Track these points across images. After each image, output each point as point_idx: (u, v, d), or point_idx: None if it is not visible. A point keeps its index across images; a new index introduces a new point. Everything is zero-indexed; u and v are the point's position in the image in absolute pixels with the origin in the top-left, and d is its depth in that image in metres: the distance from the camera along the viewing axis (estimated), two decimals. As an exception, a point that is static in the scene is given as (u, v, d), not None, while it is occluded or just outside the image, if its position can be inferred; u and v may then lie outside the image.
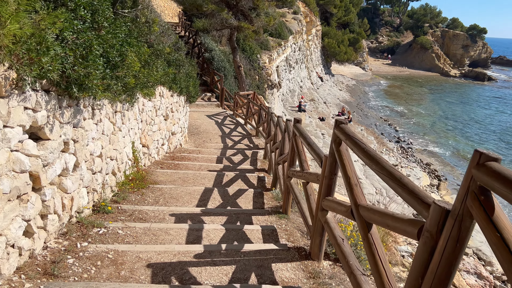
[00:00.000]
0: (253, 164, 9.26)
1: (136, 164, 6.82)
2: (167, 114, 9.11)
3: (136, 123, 6.95)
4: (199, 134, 13.09)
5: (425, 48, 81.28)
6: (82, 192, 4.39)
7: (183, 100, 10.84)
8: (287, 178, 5.05)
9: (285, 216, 5.09)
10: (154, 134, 8.21)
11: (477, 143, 32.49)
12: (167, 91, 8.93)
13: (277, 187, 6.75)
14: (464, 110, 46.09)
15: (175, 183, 6.82)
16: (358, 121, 34.23)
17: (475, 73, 77.25)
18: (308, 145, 4.00)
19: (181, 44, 11.89)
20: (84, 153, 4.37)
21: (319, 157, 3.57)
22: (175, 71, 9.53)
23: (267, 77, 26.15)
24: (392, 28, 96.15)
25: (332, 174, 3.33)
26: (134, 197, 5.75)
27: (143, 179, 6.57)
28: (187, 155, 9.62)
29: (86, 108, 4.30)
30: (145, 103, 7.41)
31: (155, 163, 8.23)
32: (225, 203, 5.82)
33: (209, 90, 20.07)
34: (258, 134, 13.27)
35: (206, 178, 7.24)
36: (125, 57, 4.14)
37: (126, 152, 6.27)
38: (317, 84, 47.97)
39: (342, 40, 58.38)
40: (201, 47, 21.35)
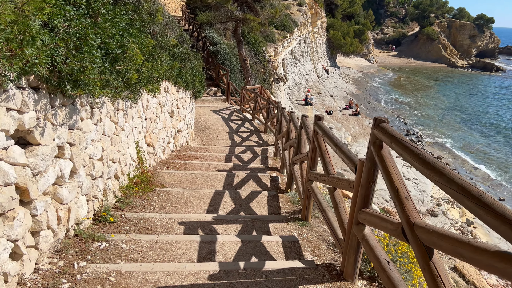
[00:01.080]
0: (264, 162, 8.77)
1: (141, 166, 6.35)
2: (172, 111, 8.63)
3: (140, 121, 6.47)
4: (206, 130, 12.60)
5: (432, 39, 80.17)
6: (80, 201, 3.92)
7: (189, 96, 10.35)
8: (308, 181, 4.56)
9: (305, 224, 4.60)
10: (160, 132, 7.74)
11: (488, 135, 31.79)
12: (172, 86, 8.44)
13: (293, 188, 6.27)
14: (473, 101, 45.27)
15: (183, 185, 6.35)
16: (366, 114, 33.61)
17: (483, 63, 76.13)
18: (336, 146, 3.50)
19: (186, 37, 11.37)
20: (82, 157, 3.90)
21: (352, 162, 3.07)
22: (181, 65, 9.03)
23: (273, 70, 25.58)
24: (398, 19, 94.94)
25: (370, 182, 2.84)
26: (139, 202, 5.29)
27: (149, 182, 6.10)
28: (194, 153, 9.15)
29: (83, 107, 3.83)
30: (150, 100, 6.93)
31: (161, 163, 7.77)
32: (238, 208, 5.34)
33: (215, 85, 19.56)
34: (267, 130, 12.77)
35: (216, 179, 6.77)
36: (126, 49, 3.64)
37: (129, 153, 5.80)
38: (323, 77, 47.28)
39: (347, 32, 57.49)
40: (205, 40, 20.81)
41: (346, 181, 3.24)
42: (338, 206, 3.45)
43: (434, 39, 79.99)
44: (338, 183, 3.46)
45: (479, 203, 1.66)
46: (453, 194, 1.85)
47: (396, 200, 2.36)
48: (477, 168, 24.34)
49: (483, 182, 21.99)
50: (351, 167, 3.11)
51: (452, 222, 15.87)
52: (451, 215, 16.43)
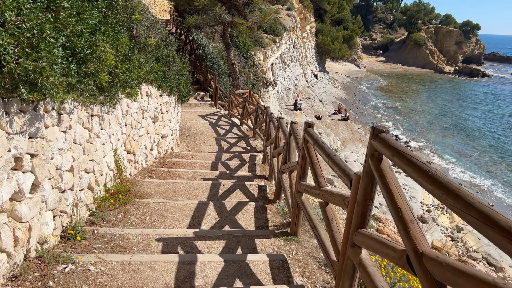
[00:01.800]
0: (252, 169, 8.42)
1: (119, 175, 5.95)
2: (156, 116, 8.24)
3: (119, 127, 6.08)
4: (192, 136, 12.21)
5: (419, 45, 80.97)
6: (45, 217, 3.52)
7: (174, 100, 9.96)
8: (297, 193, 4.22)
9: (294, 239, 4.26)
10: (141, 139, 7.35)
11: (476, 140, 31.92)
12: (155, 90, 8.06)
13: (281, 198, 5.92)
14: (461, 107, 45.57)
15: (165, 195, 5.97)
16: (355, 119, 33.51)
17: (469, 69, 77.00)
18: (328, 157, 3.17)
19: (171, 40, 11.00)
20: (47, 169, 3.50)
21: (347, 176, 2.74)
22: (165, 69, 8.65)
23: (262, 75, 25.29)
24: (386, 25, 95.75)
25: (367, 200, 2.51)
26: (115, 215, 4.89)
27: (127, 192, 5.70)
28: (179, 160, 8.76)
29: (48, 113, 3.44)
30: (130, 105, 6.54)
31: (142, 171, 7.37)
32: (223, 221, 4.98)
33: (202, 89, 19.18)
34: (255, 135, 12.43)
35: (200, 188, 6.39)
36: (96, 48, 3.27)
37: (106, 161, 5.41)
38: (312, 82, 47.19)
39: (336, 37, 57.65)
40: (193, 44, 20.44)
41: (340, 196, 2.90)
42: (330, 224, 3.12)
43: (421, 45, 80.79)
44: (330, 198, 3.12)
45: (510, 236, 1.34)
46: (473, 223, 1.52)
47: (399, 223, 2.03)
48: (465, 173, 24.32)
49: (471, 188, 21.93)
50: (345, 182, 2.78)
51: (442, 228, 15.69)
52: (441, 221, 16.25)
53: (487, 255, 13.61)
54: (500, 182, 23.26)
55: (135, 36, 8.52)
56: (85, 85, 3.39)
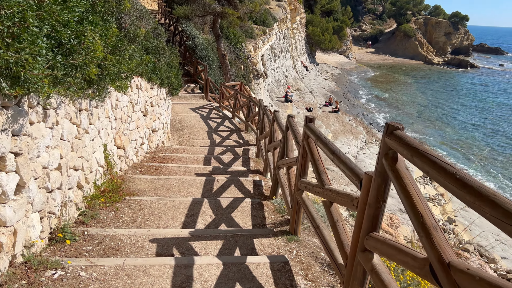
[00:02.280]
0: (246, 164, 8.24)
1: (109, 171, 5.73)
2: (146, 110, 7.99)
3: (109, 121, 5.84)
4: (183, 129, 11.97)
5: (408, 36, 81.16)
6: (31, 220, 3.30)
7: (165, 93, 9.70)
8: (297, 191, 4.05)
9: (294, 238, 4.10)
10: (132, 133, 7.10)
11: (466, 131, 32.15)
12: (145, 83, 7.80)
13: (278, 194, 5.76)
14: (450, 98, 45.86)
15: (157, 192, 5.76)
16: (345, 110, 33.46)
17: (458, 60, 77.47)
18: (333, 154, 2.99)
19: (160, 30, 10.69)
20: (33, 168, 3.28)
21: (356, 176, 2.57)
22: (155, 60, 8.38)
23: (253, 66, 25.02)
24: (375, 16, 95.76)
25: (379, 202, 2.34)
26: (106, 214, 4.68)
27: (118, 190, 5.48)
28: (171, 155, 8.53)
29: (33, 109, 3.20)
30: (119, 98, 6.29)
31: (133, 166, 7.13)
32: (219, 219, 4.80)
33: (193, 81, 18.87)
34: (248, 128, 12.23)
35: (194, 184, 6.19)
36: (83, 39, 3.03)
37: (96, 158, 5.17)
38: (302, 74, 47.00)
39: (326, 28, 57.39)
40: (182, 35, 20.06)
41: (348, 196, 2.74)
42: (336, 225, 2.95)
43: (411, 36, 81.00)
44: (336, 197, 2.95)
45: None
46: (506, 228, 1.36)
47: (420, 229, 1.86)
48: (456, 164, 24.46)
49: (462, 179, 22.02)
50: (354, 181, 2.61)
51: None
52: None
53: (479, 246, 13.68)
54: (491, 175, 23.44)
55: (124, 26, 8.23)
56: (72, 78, 3.16)
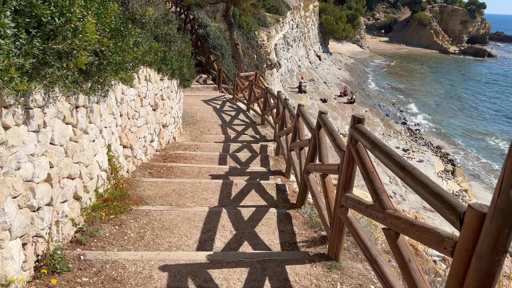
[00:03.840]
0: (265, 163, 7.48)
1: (114, 176, 5.02)
2: (156, 103, 7.26)
3: (113, 118, 5.12)
4: (196, 123, 11.24)
5: (423, 25, 79.10)
6: (9, 250, 2.60)
7: (176, 85, 8.96)
8: (340, 207, 3.28)
9: (335, 265, 3.35)
10: (140, 130, 6.38)
11: (485, 122, 30.93)
12: (155, 73, 7.06)
13: (306, 202, 5.00)
14: (468, 88, 44.38)
15: (168, 199, 5.04)
16: (361, 101, 32.41)
17: (475, 49, 75.33)
18: (403, 170, 2.21)
19: (171, 17, 9.92)
20: (11, 184, 2.57)
21: (451, 209, 1.79)
22: (165, 49, 7.63)
23: (266, 56, 24.12)
24: (389, 4, 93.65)
25: (497, 254, 1.57)
26: (108, 229, 3.98)
27: (124, 197, 4.78)
28: (183, 152, 7.81)
29: (9, 109, 2.48)
30: (126, 91, 5.57)
31: (142, 167, 6.43)
32: (240, 236, 4.06)
33: (205, 71, 18.08)
34: (264, 122, 11.44)
35: (209, 189, 5.46)
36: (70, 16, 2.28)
37: (97, 161, 4.47)
38: (316, 63, 45.87)
39: (340, 17, 55.99)
40: (194, 23, 19.25)
41: (433, 234, 1.96)
42: (408, 267, 2.18)
43: (425, 25, 78.94)
44: (411, 230, 2.17)
45: None
46: None
47: None
48: (479, 158, 23.40)
49: (486, 173, 21.05)
50: (446, 215, 1.84)
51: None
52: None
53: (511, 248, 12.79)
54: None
55: (130, 12, 7.49)
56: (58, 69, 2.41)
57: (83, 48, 2.42)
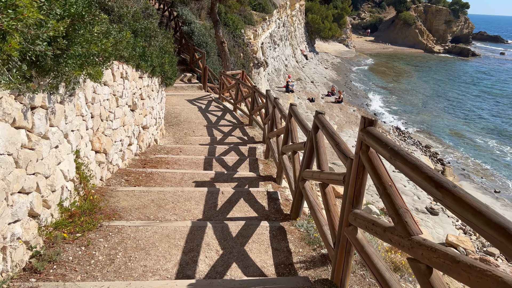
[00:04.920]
0: (254, 168, 6.92)
1: (83, 186, 4.41)
2: (134, 103, 6.65)
3: (83, 120, 4.51)
4: (179, 124, 10.62)
5: (408, 24, 79.62)
6: None
7: (157, 83, 8.33)
8: (347, 226, 2.75)
9: (342, 294, 2.81)
10: (115, 133, 5.77)
11: (472, 121, 30.90)
12: (132, 70, 6.44)
13: (301, 213, 4.47)
14: (453, 87, 44.53)
15: (146, 212, 4.45)
16: (348, 101, 32.09)
17: (459, 49, 76.08)
18: (439, 188, 1.69)
19: (152, 11, 9.30)
20: None
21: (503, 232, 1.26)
22: (145, 44, 7.02)
23: (253, 54, 23.56)
24: (374, 3, 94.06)
25: None
26: (72, 252, 3.38)
27: (94, 210, 4.17)
28: (164, 156, 7.21)
29: None
30: (98, 90, 4.96)
31: (118, 173, 5.82)
32: (228, 256, 3.50)
33: (189, 70, 17.44)
34: (252, 122, 10.88)
35: (193, 199, 4.88)
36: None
37: (62, 170, 3.86)
38: (302, 63, 45.50)
39: (326, 16, 55.77)
40: (178, 20, 18.58)
41: (497, 281, 1.43)
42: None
43: (410, 24, 79.46)
44: (457, 271, 1.63)
45: None
46: None
47: None
48: (467, 157, 23.23)
49: (475, 173, 20.86)
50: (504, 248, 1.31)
51: (453, 220, 14.54)
52: (450, 213, 15.04)
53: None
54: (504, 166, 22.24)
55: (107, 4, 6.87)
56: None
57: (13, 29, 1.84)
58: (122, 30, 5.29)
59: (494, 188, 18.98)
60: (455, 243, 11.75)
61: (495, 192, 18.51)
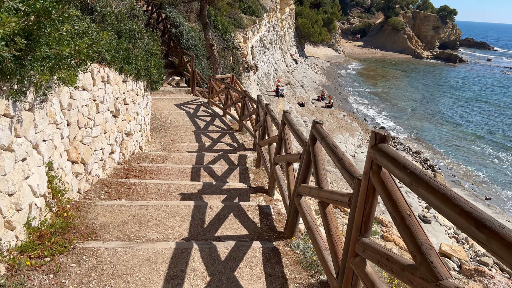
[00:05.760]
0: (244, 177, 6.54)
1: (56, 201, 3.98)
2: (117, 109, 6.22)
3: (57, 128, 4.09)
4: (166, 130, 10.19)
5: (397, 30, 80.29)
6: None
7: (143, 87, 7.92)
8: (353, 257, 2.39)
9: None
10: (95, 141, 5.34)
11: (461, 126, 30.97)
12: (115, 74, 6.03)
13: (295, 231, 4.10)
14: (442, 92, 44.78)
15: (126, 230, 4.04)
16: (338, 106, 31.94)
17: (447, 54, 76.86)
18: (482, 228, 1.34)
19: (138, 11, 8.88)
20: None
21: None
22: (129, 46, 6.61)
23: (243, 58, 23.22)
24: (363, 9, 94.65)
25: None
26: (38, 280, 2.96)
27: (68, 229, 3.75)
28: (149, 165, 6.79)
29: None
30: (75, 95, 4.54)
31: (98, 184, 5.39)
32: (216, 285, 3.11)
33: (177, 73, 17.00)
34: (242, 128, 10.50)
35: (178, 214, 4.48)
36: None
37: (31, 186, 3.44)
38: (292, 67, 45.33)
39: (316, 20, 55.77)
40: (166, 22, 18.15)
41: None
42: None
43: (399, 30, 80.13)
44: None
45: None
46: None
47: None
48: (457, 163, 23.16)
49: (466, 179, 20.78)
50: None
51: (446, 229, 14.31)
52: (442, 221, 14.91)
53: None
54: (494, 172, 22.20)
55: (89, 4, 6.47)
56: None
57: None
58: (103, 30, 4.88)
59: (485, 195, 18.89)
60: (449, 253, 11.49)
61: (486, 199, 18.41)
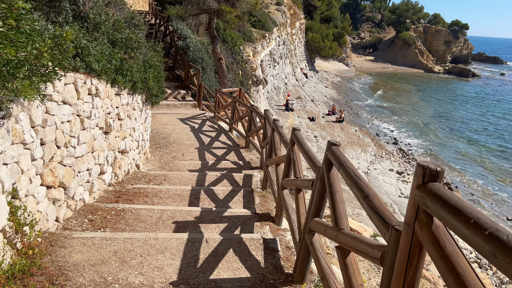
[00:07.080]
0: (249, 201, 5.85)
1: (21, 237, 3.34)
2: (108, 124, 5.62)
3: (25, 149, 3.47)
4: (168, 146, 9.57)
5: (408, 44, 79.64)
6: None
7: (140, 101, 7.33)
8: None
9: None
10: (79, 162, 4.72)
11: (477, 142, 29.92)
12: (106, 86, 5.44)
13: (307, 274, 3.40)
14: (456, 107, 43.77)
15: (103, 270, 3.37)
16: (350, 120, 31.17)
17: (459, 69, 75.83)
18: None
19: (139, 21, 8.37)
20: None
21: None
22: (123, 56, 6.04)
23: (252, 72, 22.72)
24: (374, 23, 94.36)
25: None
26: None
27: (30, 271, 3.10)
28: (144, 187, 6.15)
29: None
30: (53, 109, 3.94)
31: (82, 210, 4.75)
32: None
33: (184, 87, 16.50)
34: (249, 145, 9.85)
35: (168, 250, 3.81)
36: None
37: (-18, 220, 2.80)
38: (302, 81, 44.80)
39: (326, 35, 55.37)
40: (173, 35, 17.75)
41: None
42: None
43: (410, 44, 79.47)
44: None
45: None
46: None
47: None
48: (475, 181, 22.14)
49: (484, 198, 19.76)
50: None
51: (466, 252, 13.37)
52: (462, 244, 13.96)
53: None
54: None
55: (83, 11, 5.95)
56: None
57: None
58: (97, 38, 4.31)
59: (506, 215, 17.88)
60: (472, 280, 10.59)
61: (507, 220, 17.40)
